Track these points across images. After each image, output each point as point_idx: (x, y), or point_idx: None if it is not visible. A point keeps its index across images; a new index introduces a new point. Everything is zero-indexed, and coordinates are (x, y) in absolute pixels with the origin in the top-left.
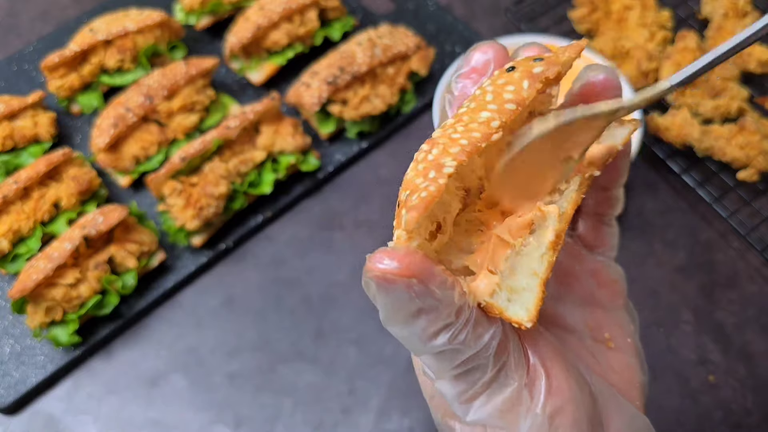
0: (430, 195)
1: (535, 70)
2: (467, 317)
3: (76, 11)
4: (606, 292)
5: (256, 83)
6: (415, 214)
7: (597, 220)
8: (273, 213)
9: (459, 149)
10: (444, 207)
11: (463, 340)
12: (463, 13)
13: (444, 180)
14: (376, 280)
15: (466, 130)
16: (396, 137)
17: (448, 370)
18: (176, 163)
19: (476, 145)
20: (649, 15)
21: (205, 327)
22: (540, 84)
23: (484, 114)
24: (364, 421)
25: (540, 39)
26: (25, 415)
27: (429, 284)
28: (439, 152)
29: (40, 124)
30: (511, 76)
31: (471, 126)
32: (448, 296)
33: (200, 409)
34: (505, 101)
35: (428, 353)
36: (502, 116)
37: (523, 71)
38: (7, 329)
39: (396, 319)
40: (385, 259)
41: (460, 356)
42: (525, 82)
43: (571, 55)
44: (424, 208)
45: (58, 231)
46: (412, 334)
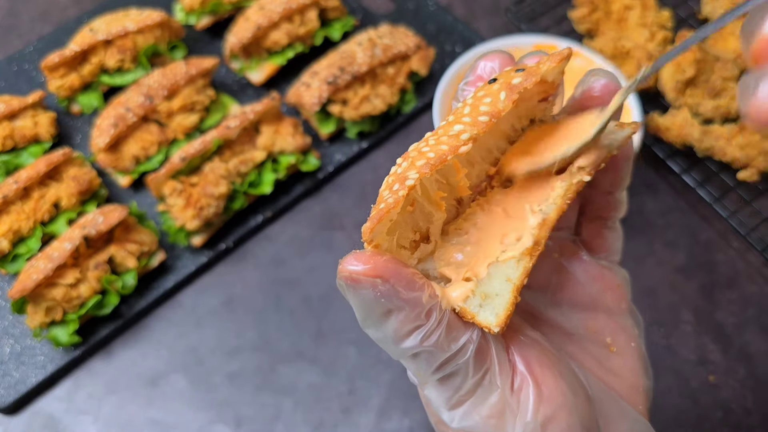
0: (386, 206)
1: (514, 81)
2: (438, 319)
3: (76, 11)
4: (609, 296)
5: (256, 83)
6: (369, 225)
7: (600, 224)
8: (273, 213)
9: (424, 162)
10: (426, 217)
11: (435, 342)
12: (463, 13)
13: (404, 192)
14: (345, 281)
15: (436, 143)
16: (396, 137)
17: (428, 375)
18: (176, 163)
19: (442, 158)
20: (650, 15)
21: (205, 327)
22: (516, 95)
23: (457, 127)
24: (364, 421)
25: (540, 39)
26: (25, 415)
27: (395, 285)
28: (408, 165)
29: (40, 124)
30: (490, 88)
31: (441, 139)
32: (415, 297)
33: (200, 409)
34: (479, 114)
35: (404, 356)
36: (474, 129)
37: (502, 83)
38: (7, 329)
39: (369, 320)
40: (353, 261)
41: (436, 360)
42: (502, 93)
43: (552, 64)
44: (378, 220)
45: (58, 231)
46: (386, 336)
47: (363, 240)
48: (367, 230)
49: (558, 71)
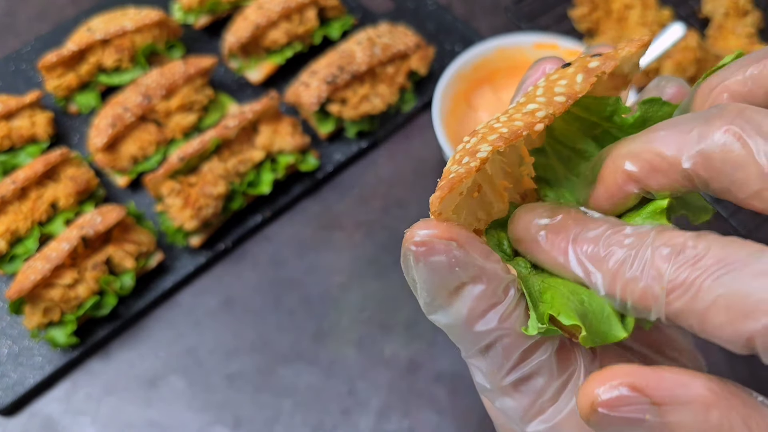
0: (458, 175)
1: (591, 64)
2: (517, 298)
3: (74, 10)
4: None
5: (254, 82)
6: (439, 193)
7: None
8: (272, 213)
9: (497, 136)
10: (485, 208)
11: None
12: (463, 12)
13: (476, 163)
14: (415, 249)
15: (509, 120)
16: (396, 137)
17: (502, 376)
18: (174, 162)
19: (517, 133)
20: (650, 14)
21: (203, 328)
22: (594, 78)
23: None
24: (364, 422)
25: (540, 38)
26: (23, 416)
27: (471, 251)
28: (478, 140)
29: (37, 123)
30: (565, 72)
31: (515, 116)
32: (494, 268)
33: (199, 410)
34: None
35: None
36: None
37: (578, 66)
38: (4, 330)
39: (438, 299)
40: (424, 227)
41: (513, 352)
42: (579, 76)
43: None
44: (449, 188)
45: (56, 231)
46: (458, 317)
47: (431, 211)
48: (436, 199)
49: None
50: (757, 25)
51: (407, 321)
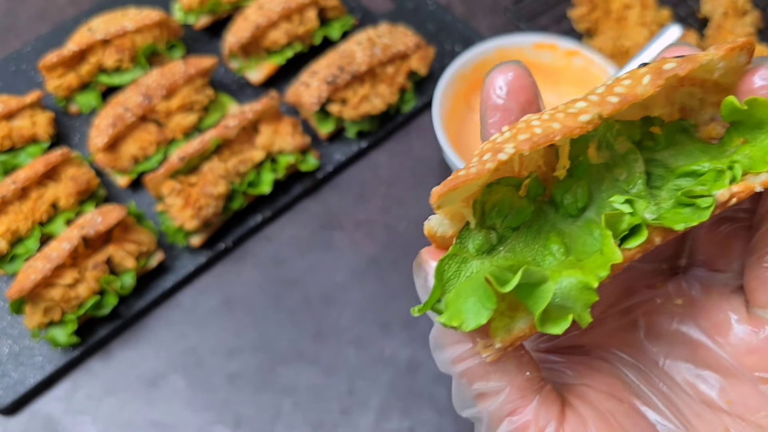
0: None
1: (666, 66)
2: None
3: (74, 11)
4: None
5: (255, 83)
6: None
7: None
8: (272, 213)
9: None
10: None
11: None
12: (462, 11)
13: (492, 165)
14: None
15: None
16: (396, 137)
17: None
18: (175, 162)
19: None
20: (649, 14)
21: (204, 327)
22: (662, 81)
23: (580, 104)
24: (364, 422)
25: (540, 38)
26: (23, 415)
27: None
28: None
29: (38, 123)
30: (635, 72)
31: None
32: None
33: (199, 410)
34: (612, 93)
35: None
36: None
37: (652, 67)
38: (5, 330)
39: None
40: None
41: None
42: (647, 77)
43: (718, 53)
44: (449, 187)
45: (57, 231)
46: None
47: (431, 202)
48: (435, 194)
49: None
50: (756, 24)
51: (407, 321)
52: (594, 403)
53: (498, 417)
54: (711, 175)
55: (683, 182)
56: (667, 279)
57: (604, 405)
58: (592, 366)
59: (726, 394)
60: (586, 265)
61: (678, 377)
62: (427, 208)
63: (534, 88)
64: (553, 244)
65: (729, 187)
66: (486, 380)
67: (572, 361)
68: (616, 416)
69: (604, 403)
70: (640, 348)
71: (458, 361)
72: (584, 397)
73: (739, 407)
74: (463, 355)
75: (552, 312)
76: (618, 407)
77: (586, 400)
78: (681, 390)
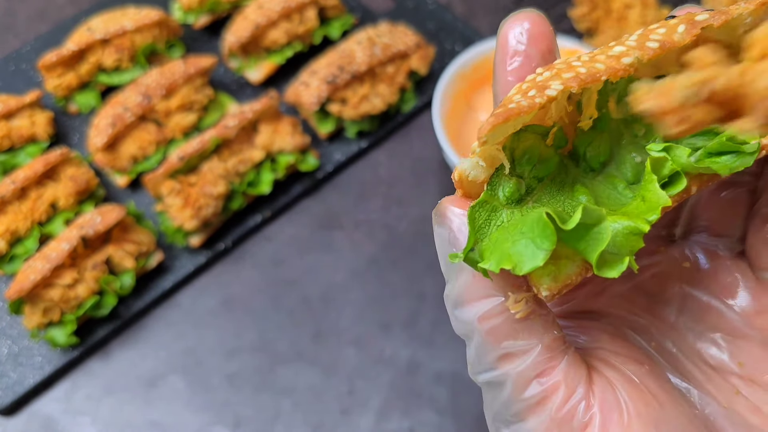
0: (518, 107)
1: (699, 17)
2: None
3: (74, 10)
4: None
5: (254, 82)
6: (493, 120)
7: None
8: (272, 213)
9: (573, 75)
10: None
11: None
12: (463, 11)
13: (542, 99)
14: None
15: (590, 60)
16: (395, 136)
17: None
18: (174, 162)
19: (595, 77)
20: (650, 13)
21: (203, 327)
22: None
23: (619, 48)
24: (364, 422)
25: None
26: (22, 416)
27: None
28: (551, 75)
29: (37, 123)
30: (666, 23)
31: (598, 57)
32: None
33: (199, 410)
34: (649, 39)
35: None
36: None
37: (683, 18)
38: (4, 330)
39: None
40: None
41: None
42: (681, 26)
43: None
44: (504, 118)
45: (56, 231)
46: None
47: (478, 137)
48: (488, 125)
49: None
50: None
51: (407, 321)
52: (616, 366)
53: (526, 378)
54: None
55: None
56: (667, 246)
57: (627, 367)
58: (605, 330)
59: (736, 356)
60: (629, 212)
61: (689, 340)
62: (427, 208)
63: (552, 36)
64: (581, 195)
65: None
66: (514, 338)
67: (583, 326)
68: (641, 379)
69: (626, 366)
70: (648, 312)
71: (485, 319)
72: (606, 361)
73: (750, 369)
74: (490, 312)
75: (605, 256)
76: (641, 370)
77: (608, 363)
78: (692, 353)
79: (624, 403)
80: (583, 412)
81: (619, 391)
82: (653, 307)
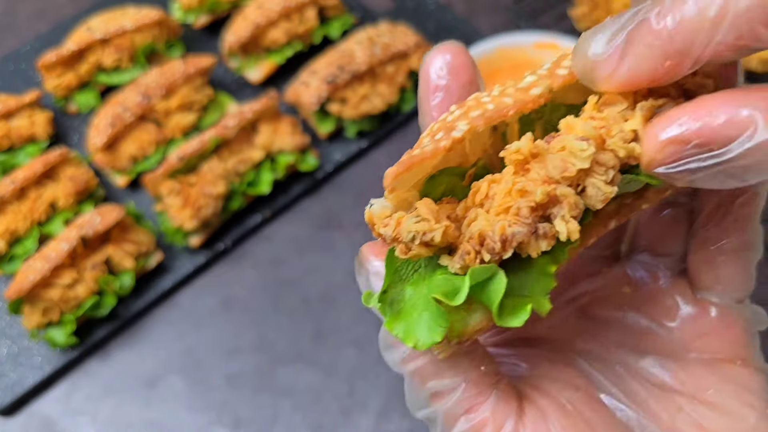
0: (422, 154)
1: None
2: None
3: (73, 9)
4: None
5: (254, 82)
6: (395, 169)
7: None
8: (271, 213)
9: (480, 113)
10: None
11: None
12: (463, 10)
13: (447, 143)
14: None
15: (499, 95)
16: (395, 136)
17: None
18: (174, 162)
19: (502, 113)
20: None
21: (203, 328)
22: None
23: (529, 79)
24: (364, 423)
25: (541, 37)
26: (21, 416)
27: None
28: (460, 114)
29: (36, 123)
30: None
31: (507, 91)
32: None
33: (198, 411)
34: (560, 66)
35: None
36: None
37: None
38: (3, 330)
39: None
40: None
41: None
42: None
43: None
44: (406, 167)
45: (55, 231)
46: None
47: (384, 184)
48: (390, 174)
49: None
50: None
51: None
52: (552, 393)
53: (454, 415)
54: None
55: None
56: (610, 265)
57: (562, 395)
58: (545, 357)
59: (678, 376)
60: None
61: (631, 361)
62: None
63: (473, 68)
64: None
65: None
66: (439, 378)
67: (524, 353)
68: (575, 405)
69: (562, 393)
70: (591, 335)
71: (409, 360)
72: (541, 389)
73: (691, 388)
74: (413, 354)
75: (508, 304)
76: (576, 395)
77: (543, 391)
78: (635, 373)
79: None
80: None
81: (552, 421)
82: (596, 329)
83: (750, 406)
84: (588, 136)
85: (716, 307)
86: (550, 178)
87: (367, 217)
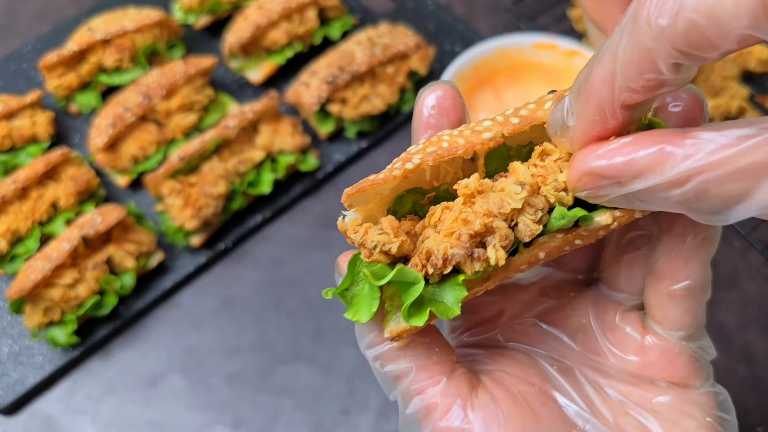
0: (374, 180)
1: None
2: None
3: (75, 10)
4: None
5: (254, 82)
6: (350, 190)
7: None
8: (272, 213)
9: (434, 150)
10: None
11: None
12: (462, 11)
13: (399, 172)
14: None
15: (457, 135)
16: (395, 136)
17: None
18: (175, 162)
19: (451, 152)
20: None
21: (203, 327)
22: None
23: (486, 123)
24: (364, 422)
25: (540, 38)
26: (23, 415)
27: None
28: (421, 148)
29: (38, 123)
30: (541, 98)
31: (464, 133)
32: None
33: (199, 410)
34: (516, 116)
35: None
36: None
37: (556, 94)
38: (5, 329)
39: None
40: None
41: None
42: (548, 103)
43: None
44: (357, 189)
45: (57, 231)
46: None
47: (341, 201)
48: (345, 194)
49: None
50: None
51: None
52: (506, 385)
53: (408, 396)
54: None
55: None
56: (579, 290)
57: (516, 388)
58: (509, 356)
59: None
60: None
61: (587, 372)
62: None
63: (462, 108)
64: None
65: (612, 212)
66: (395, 363)
67: (492, 353)
68: (526, 397)
69: (516, 386)
70: (554, 348)
71: (371, 346)
72: (499, 381)
73: (638, 398)
74: (375, 341)
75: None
76: (529, 390)
77: (499, 383)
78: (593, 381)
79: (503, 416)
80: (461, 424)
81: (501, 408)
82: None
83: (691, 417)
84: (525, 181)
85: (664, 341)
86: (489, 212)
87: (339, 226)
